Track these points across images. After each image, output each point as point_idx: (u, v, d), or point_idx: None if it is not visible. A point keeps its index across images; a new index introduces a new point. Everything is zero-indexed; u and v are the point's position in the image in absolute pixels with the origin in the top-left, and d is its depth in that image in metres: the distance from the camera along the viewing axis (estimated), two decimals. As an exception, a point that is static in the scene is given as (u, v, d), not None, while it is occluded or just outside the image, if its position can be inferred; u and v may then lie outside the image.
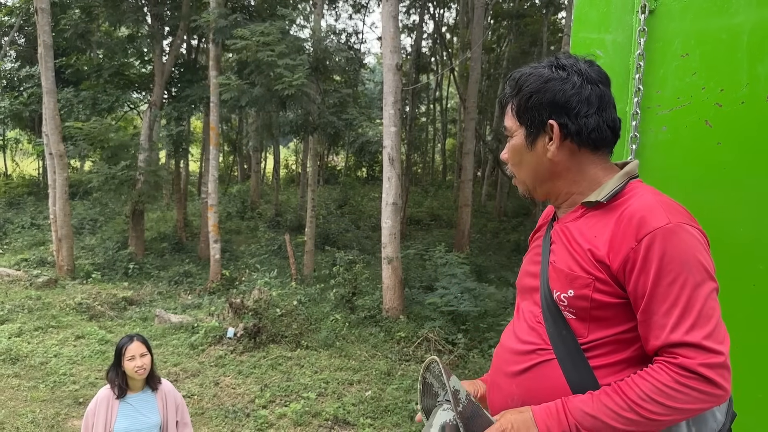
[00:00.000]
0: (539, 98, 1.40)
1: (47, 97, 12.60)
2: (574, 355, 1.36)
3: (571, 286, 1.35)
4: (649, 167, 1.80)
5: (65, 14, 15.28)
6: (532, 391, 1.40)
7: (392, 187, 9.91)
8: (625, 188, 1.39)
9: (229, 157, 32.45)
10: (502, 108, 1.52)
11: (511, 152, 1.49)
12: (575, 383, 1.34)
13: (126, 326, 9.74)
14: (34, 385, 7.22)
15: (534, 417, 1.30)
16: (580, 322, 1.36)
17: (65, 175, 13.05)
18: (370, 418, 6.60)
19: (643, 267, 1.26)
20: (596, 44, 1.88)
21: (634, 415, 1.23)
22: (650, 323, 1.26)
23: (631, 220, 1.29)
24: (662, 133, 1.78)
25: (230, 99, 12.25)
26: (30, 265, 13.49)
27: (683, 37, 1.74)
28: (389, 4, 9.85)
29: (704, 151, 1.73)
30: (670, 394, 1.21)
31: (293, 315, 9.29)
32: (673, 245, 1.24)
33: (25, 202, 21.37)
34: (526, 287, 1.55)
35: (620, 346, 1.34)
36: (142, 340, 3.45)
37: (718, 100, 1.70)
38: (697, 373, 1.20)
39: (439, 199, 25.80)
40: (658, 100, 1.78)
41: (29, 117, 20.27)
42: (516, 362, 1.46)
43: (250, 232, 19.18)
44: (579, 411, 1.27)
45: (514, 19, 23.09)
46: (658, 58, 1.77)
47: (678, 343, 1.22)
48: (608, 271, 1.30)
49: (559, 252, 1.43)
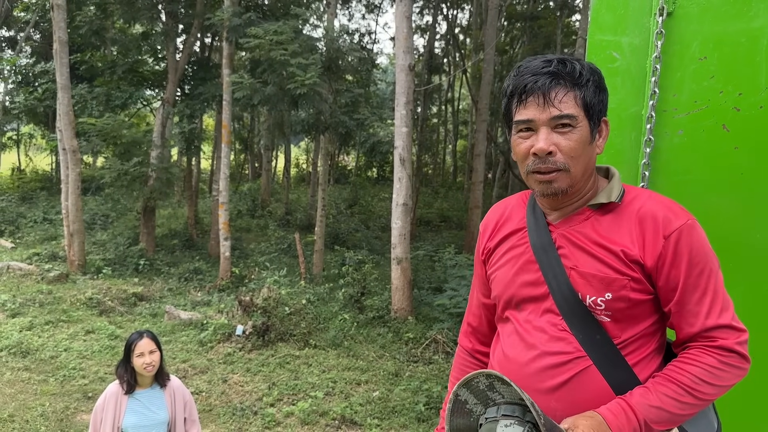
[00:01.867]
0: (605, 95, 1.43)
1: (61, 92, 12.69)
2: (612, 357, 1.38)
3: (609, 289, 1.36)
4: (665, 171, 1.78)
5: (80, 11, 15.37)
6: (575, 402, 1.37)
7: (403, 188, 9.90)
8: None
9: (241, 155, 32.55)
10: (545, 91, 1.35)
11: (577, 143, 1.36)
12: (618, 384, 1.37)
13: (136, 322, 9.79)
14: (44, 378, 7.27)
15: (606, 420, 1.30)
16: (615, 324, 1.38)
17: (78, 171, 13.14)
18: (378, 419, 6.60)
19: (673, 262, 1.34)
20: (613, 47, 1.86)
21: (692, 399, 1.31)
22: (684, 312, 1.35)
23: (655, 220, 1.36)
24: (678, 137, 1.76)
25: (243, 97, 12.28)
26: (42, 259, 13.59)
27: (701, 40, 1.73)
28: (402, 5, 9.84)
29: (721, 155, 1.71)
30: (718, 374, 1.31)
31: (302, 314, 9.30)
32: (696, 239, 1.35)
33: (37, 196, 21.53)
34: (524, 297, 1.47)
35: (647, 340, 1.41)
36: (151, 336, 3.45)
37: (735, 104, 1.68)
38: (735, 351, 1.32)
39: (450, 200, 25.75)
40: (674, 103, 1.76)
41: (43, 112, 20.44)
42: (551, 377, 1.40)
43: (260, 231, 19.23)
44: (643, 406, 1.30)
45: (527, 21, 23.01)
46: (676, 62, 1.76)
47: (714, 327, 1.33)
48: (642, 270, 1.35)
49: (579, 256, 1.40)
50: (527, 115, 1.37)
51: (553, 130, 1.36)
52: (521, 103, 1.38)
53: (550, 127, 1.36)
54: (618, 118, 1.85)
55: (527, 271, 1.47)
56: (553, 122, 1.35)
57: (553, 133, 1.36)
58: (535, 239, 1.47)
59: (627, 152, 1.84)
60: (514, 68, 1.44)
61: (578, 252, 1.41)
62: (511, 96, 1.41)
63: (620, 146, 1.85)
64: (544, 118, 1.35)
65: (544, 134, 1.35)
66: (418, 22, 25.47)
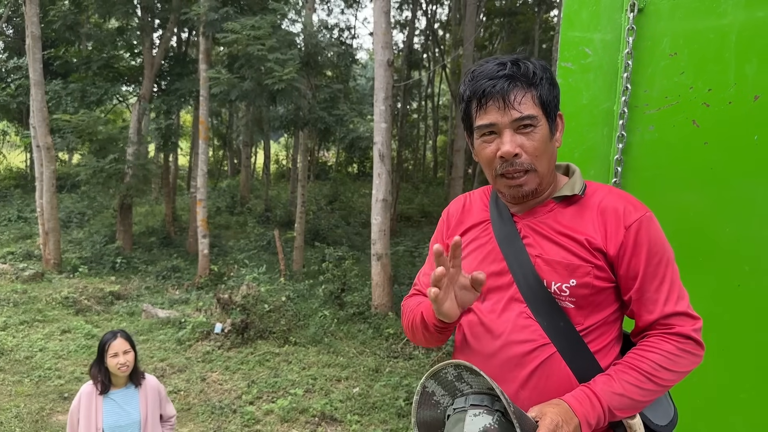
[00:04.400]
0: (558, 90, 1.45)
1: (35, 88, 12.48)
2: (574, 344, 1.40)
3: (573, 276, 1.39)
4: (636, 166, 1.80)
5: (54, 5, 15.13)
6: (542, 391, 1.39)
7: (382, 184, 9.89)
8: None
9: (219, 151, 32.31)
10: (504, 94, 1.37)
11: (540, 142, 1.39)
12: (580, 371, 1.39)
13: (113, 321, 9.68)
14: (19, 379, 7.16)
15: (571, 407, 1.31)
16: (578, 310, 1.41)
17: (53, 168, 12.93)
18: (358, 415, 6.59)
19: (634, 251, 1.38)
20: (585, 43, 1.87)
21: (653, 386, 1.35)
22: (643, 300, 1.39)
23: (616, 211, 1.41)
24: (649, 133, 1.77)
25: (220, 93, 12.17)
26: (16, 258, 13.37)
27: (672, 37, 1.74)
28: (381, 0, 9.81)
29: (691, 150, 1.73)
30: (676, 360, 1.36)
31: (281, 311, 9.26)
32: (654, 230, 1.40)
33: (12, 194, 21.17)
34: (489, 287, 1.48)
35: (608, 328, 1.44)
36: (125, 336, 3.41)
37: (705, 99, 1.70)
38: (691, 337, 1.37)
39: (430, 195, 25.79)
40: (645, 99, 1.77)
41: (17, 109, 20.08)
42: (520, 366, 1.41)
43: (239, 227, 19.11)
44: (607, 393, 1.33)
45: (506, 16, 23.10)
46: (647, 57, 1.77)
47: (671, 314, 1.38)
48: (605, 258, 1.39)
49: (544, 245, 1.44)
50: (489, 120, 1.40)
51: (516, 131, 1.39)
52: (481, 108, 1.41)
53: (513, 129, 1.39)
54: (590, 114, 1.86)
55: (491, 262, 1.49)
56: (515, 124, 1.39)
57: (516, 135, 1.39)
58: (499, 230, 1.50)
59: (599, 148, 1.85)
60: (467, 73, 1.46)
61: (543, 241, 1.44)
62: (469, 101, 1.44)
63: (592, 142, 1.86)
64: (506, 121, 1.38)
65: (509, 137, 1.39)
66: (397, 17, 25.44)
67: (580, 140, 1.87)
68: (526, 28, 22.83)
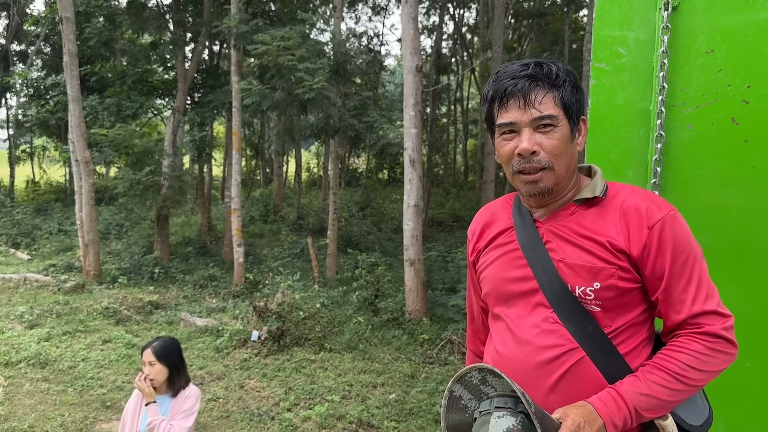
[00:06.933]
0: (582, 95, 1.46)
1: (73, 104, 12.80)
2: (603, 346, 1.40)
3: (596, 279, 1.39)
4: (675, 166, 1.77)
5: (89, 23, 15.50)
6: (573, 395, 1.38)
7: (414, 189, 9.89)
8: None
9: (252, 161, 32.68)
10: (525, 93, 1.39)
11: (559, 141, 1.41)
12: (610, 373, 1.39)
13: (152, 330, 9.85)
14: (63, 389, 7.33)
15: (596, 408, 1.32)
16: (605, 313, 1.40)
17: (91, 182, 13.24)
18: (395, 421, 6.59)
19: (658, 251, 1.38)
20: (618, 42, 1.85)
21: (681, 386, 1.34)
22: (671, 300, 1.39)
23: (638, 211, 1.41)
24: (687, 132, 1.75)
25: (252, 103, 12.33)
26: (58, 270, 13.70)
27: (708, 34, 1.71)
28: (408, 6, 9.84)
29: (731, 149, 1.69)
30: (705, 360, 1.34)
31: (316, 318, 9.31)
32: (679, 229, 1.39)
33: (52, 208, 21.73)
34: (514, 293, 1.50)
35: (637, 329, 1.44)
36: (155, 349, 3.40)
37: (744, 97, 1.67)
38: (721, 336, 1.35)
39: (461, 200, 25.68)
40: (683, 98, 1.75)
41: (56, 125, 20.62)
42: (549, 372, 1.41)
43: (273, 236, 19.29)
44: (633, 394, 1.33)
45: (535, 18, 22.94)
46: (683, 56, 1.74)
47: (700, 313, 1.36)
48: (628, 259, 1.39)
49: (566, 248, 1.44)
50: (509, 118, 1.42)
51: (535, 130, 1.41)
52: (502, 107, 1.43)
53: (533, 128, 1.41)
54: (626, 114, 1.84)
55: (516, 268, 1.51)
56: (534, 123, 1.40)
57: (535, 134, 1.41)
58: (523, 236, 1.51)
59: (636, 148, 1.83)
60: (492, 74, 1.49)
61: (565, 245, 1.45)
62: (491, 101, 1.46)
63: (629, 142, 1.84)
64: (526, 119, 1.40)
65: (527, 135, 1.41)
66: (424, 22, 25.45)
67: (616, 141, 1.85)
68: (555, 28, 22.64)
